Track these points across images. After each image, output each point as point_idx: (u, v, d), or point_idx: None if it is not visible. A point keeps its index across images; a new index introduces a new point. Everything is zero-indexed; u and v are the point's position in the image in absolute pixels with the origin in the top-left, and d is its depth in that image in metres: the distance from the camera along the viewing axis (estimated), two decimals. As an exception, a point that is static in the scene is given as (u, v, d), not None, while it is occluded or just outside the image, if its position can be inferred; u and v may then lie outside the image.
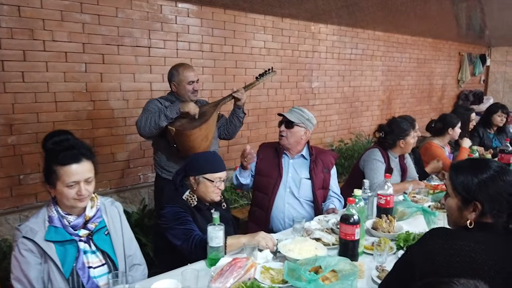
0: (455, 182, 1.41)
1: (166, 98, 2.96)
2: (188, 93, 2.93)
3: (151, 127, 2.72)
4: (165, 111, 2.72)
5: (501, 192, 1.32)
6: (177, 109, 2.73)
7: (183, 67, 2.95)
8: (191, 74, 2.93)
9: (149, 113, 2.77)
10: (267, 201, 2.65)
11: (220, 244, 1.87)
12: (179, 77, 2.92)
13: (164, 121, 2.71)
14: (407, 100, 7.22)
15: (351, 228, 1.87)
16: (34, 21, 3.03)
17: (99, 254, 1.83)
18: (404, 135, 3.00)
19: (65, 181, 1.68)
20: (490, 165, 1.37)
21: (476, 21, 6.10)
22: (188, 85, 2.91)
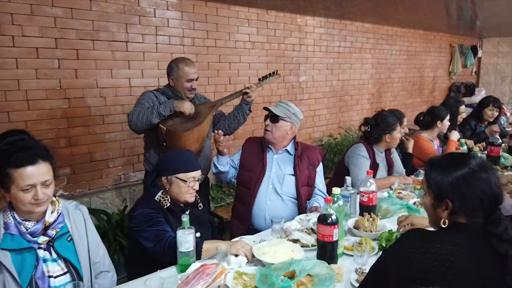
0: (429, 178, 1.34)
1: (163, 91, 2.83)
2: (185, 90, 2.81)
3: (143, 122, 2.60)
4: (159, 108, 2.58)
5: (473, 190, 1.23)
6: (171, 106, 2.60)
7: (183, 63, 2.80)
8: (191, 71, 2.79)
9: (142, 107, 2.64)
10: (249, 196, 2.57)
11: (190, 248, 1.76)
12: (178, 72, 2.78)
13: (156, 118, 2.58)
14: (397, 93, 7.13)
15: (329, 229, 1.77)
16: (1, 15, 2.89)
17: (61, 262, 1.71)
18: (390, 129, 2.90)
19: (20, 185, 1.56)
20: (467, 162, 1.27)
21: (467, 11, 6.00)
22: (187, 83, 2.78)
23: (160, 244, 1.88)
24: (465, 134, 4.34)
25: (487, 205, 1.23)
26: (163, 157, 2.17)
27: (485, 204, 1.23)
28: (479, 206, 1.23)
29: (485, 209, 1.23)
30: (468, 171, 1.25)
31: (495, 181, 1.25)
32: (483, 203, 1.23)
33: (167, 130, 2.59)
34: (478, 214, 1.24)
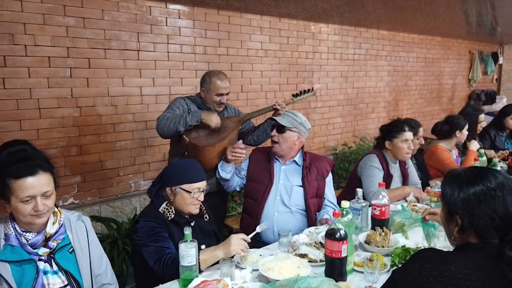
0: (443, 192, 1.29)
1: (194, 99, 2.83)
2: (214, 104, 2.80)
3: (169, 128, 2.59)
4: (186, 117, 2.58)
5: (484, 209, 1.15)
6: (199, 118, 2.58)
7: (216, 77, 2.78)
8: (222, 86, 2.77)
9: (172, 113, 2.65)
10: (256, 208, 2.51)
11: (192, 263, 1.70)
12: (209, 85, 2.77)
13: (182, 127, 2.57)
14: (415, 101, 6.97)
15: (337, 244, 1.68)
16: (14, 25, 2.92)
17: (62, 275, 1.68)
18: (390, 136, 2.82)
19: (20, 196, 1.54)
20: (485, 178, 1.19)
21: (486, 18, 5.85)
22: (216, 96, 2.77)
23: (159, 263, 1.84)
24: (484, 144, 4.18)
25: (499, 225, 1.14)
26: (167, 167, 2.13)
27: (497, 224, 1.14)
28: (490, 225, 1.14)
29: (498, 230, 1.14)
30: (482, 189, 1.17)
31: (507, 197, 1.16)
32: (495, 223, 1.14)
33: (190, 142, 2.59)
34: (491, 234, 1.15)
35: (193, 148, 2.60)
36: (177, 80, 3.84)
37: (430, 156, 3.54)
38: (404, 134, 2.78)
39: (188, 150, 2.64)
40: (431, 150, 3.57)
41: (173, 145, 2.92)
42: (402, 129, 2.80)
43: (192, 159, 2.27)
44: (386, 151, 2.85)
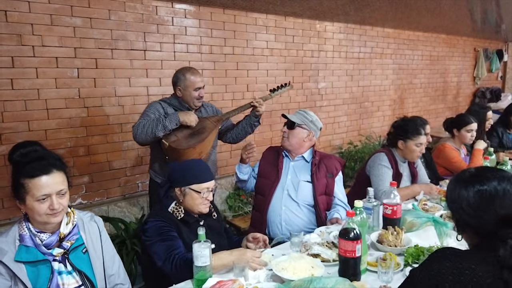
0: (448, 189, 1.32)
1: (169, 102, 2.82)
2: (193, 100, 2.80)
3: (147, 135, 2.59)
4: (164, 121, 2.58)
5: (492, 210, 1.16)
6: (177, 120, 2.60)
7: (190, 72, 2.80)
8: (198, 80, 2.79)
9: (148, 119, 2.63)
10: (263, 203, 2.55)
11: (207, 263, 1.70)
12: (185, 82, 2.77)
13: (161, 132, 2.57)
14: (420, 99, 6.95)
15: (351, 244, 1.68)
16: (22, 26, 2.92)
17: (76, 275, 1.68)
18: (405, 136, 2.78)
19: (35, 195, 1.54)
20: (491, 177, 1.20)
21: (491, 15, 5.82)
22: (194, 92, 2.78)
23: (168, 263, 1.81)
24: (492, 142, 4.16)
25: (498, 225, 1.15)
26: (176, 168, 2.12)
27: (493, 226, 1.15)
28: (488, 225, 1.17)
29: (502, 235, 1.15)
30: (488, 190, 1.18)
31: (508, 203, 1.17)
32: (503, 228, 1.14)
33: (169, 146, 2.60)
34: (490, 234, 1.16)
35: (174, 151, 2.61)
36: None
37: (438, 155, 3.53)
38: (420, 138, 2.75)
39: (169, 154, 2.65)
40: (439, 149, 3.55)
41: (152, 151, 2.92)
42: (418, 132, 2.75)
43: (199, 159, 2.27)
44: (396, 150, 2.83)
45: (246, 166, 2.61)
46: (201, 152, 2.72)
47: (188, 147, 2.63)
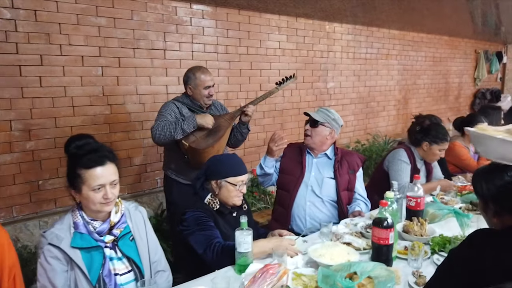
0: (473, 185, 1.47)
1: (182, 101, 2.91)
2: (203, 98, 2.90)
3: (166, 137, 2.70)
4: (182, 125, 2.69)
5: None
6: (194, 123, 2.72)
7: (200, 71, 2.90)
8: (208, 79, 2.88)
9: (165, 121, 2.74)
10: (288, 199, 2.62)
11: (248, 249, 1.80)
12: (195, 81, 2.87)
13: (180, 135, 2.69)
14: (423, 100, 7.09)
15: (385, 232, 1.79)
16: (50, 25, 3.01)
17: (125, 261, 1.77)
18: (432, 140, 2.83)
19: (91, 185, 1.63)
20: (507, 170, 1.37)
21: (491, 18, 5.97)
22: (204, 90, 2.87)
23: (209, 251, 1.91)
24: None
25: None
26: (212, 161, 2.21)
27: None
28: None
29: None
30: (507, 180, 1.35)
31: None
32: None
33: (189, 146, 2.72)
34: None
35: (194, 151, 2.73)
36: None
37: (448, 153, 3.64)
38: (445, 144, 2.83)
39: (189, 154, 2.77)
40: (449, 147, 3.67)
41: (168, 152, 2.99)
42: (445, 139, 2.82)
43: (233, 154, 2.36)
44: (417, 149, 2.91)
45: (272, 160, 2.63)
46: (218, 150, 2.81)
47: (207, 147, 2.74)
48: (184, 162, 2.86)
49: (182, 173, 2.92)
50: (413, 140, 2.94)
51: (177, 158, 2.90)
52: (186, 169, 2.88)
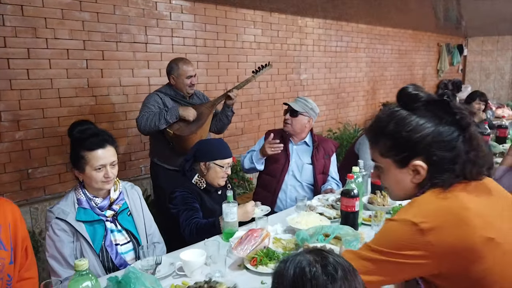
0: None
1: (165, 92, 3.11)
2: (186, 87, 3.10)
3: (151, 127, 2.93)
4: (166, 115, 2.91)
5: None
6: (177, 114, 2.94)
7: (182, 62, 3.11)
8: (190, 69, 3.09)
9: (149, 112, 2.94)
10: (274, 184, 2.84)
11: (234, 219, 2.05)
12: (178, 71, 3.08)
13: (164, 124, 2.92)
14: (390, 90, 7.50)
15: (352, 201, 2.08)
16: (36, 19, 3.13)
17: (124, 233, 1.99)
18: None
19: (94, 165, 1.84)
20: None
21: (453, 12, 6.39)
22: (186, 79, 3.08)
23: (187, 229, 2.14)
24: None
25: None
26: (201, 145, 2.44)
27: None
28: None
29: None
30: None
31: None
32: None
33: (174, 134, 2.95)
34: None
35: (178, 138, 2.97)
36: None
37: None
38: None
39: (174, 141, 3.00)
40: None
41: (154, 142, 3.23)
42: None
43: (220, 138, 2.60)
44: None
45: (263, 158, 2.83)
46: (201, 135, 3.04)
47: (190, 133, 2.97)
48: (169, 149, 3.07)
49: (167, 159, 3.13)
50: None
51: (162, 146, 3.11)
52: (171, 155, 3.09)
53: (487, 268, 1.03)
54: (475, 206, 1.07)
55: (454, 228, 1.03)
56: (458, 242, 1.03)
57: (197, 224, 2.14)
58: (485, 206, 1.10)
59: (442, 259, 1.05)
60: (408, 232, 1.06)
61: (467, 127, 1.11)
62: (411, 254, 1.05)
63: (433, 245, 1.03)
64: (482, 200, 1.11)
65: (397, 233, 1.09)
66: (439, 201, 1.09)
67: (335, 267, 0.85)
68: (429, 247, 1.04)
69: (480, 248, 1.02)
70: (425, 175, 1.13)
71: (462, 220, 1.04)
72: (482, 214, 1.06)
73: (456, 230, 1.03)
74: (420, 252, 1.05)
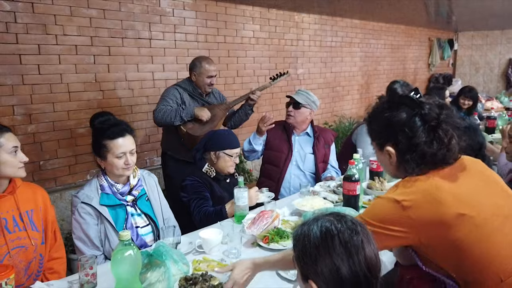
0: None
1: (184, 87, 3.23)
2: (205, 86, 3.24)
3: (166, 122, 3.08)
4: (181, 113, 3.05)
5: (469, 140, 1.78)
6: (192, 114, 3.08)
7: (206, 61, 3.23)
8: (212, 69, 3.23)
9: (166, 105, 3.08)
10: (278, 173, 2.99)
11: (245, 203, 2.21)
12: (200, 69, 3.20)
13: (178, 121, 3.08)
14: (383, 84, 7.67)
15: (353, 185, 2.25)
16: (46, 16, 3.24)
17: (143, 217, 2.14)
18: None
19: (115, 153, 1.98)
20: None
21: (443, 7, 6.58)
22: (207, 79, 3.21)
23: (197, 215, 2.31)
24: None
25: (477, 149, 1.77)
26: (212, 135, 2.59)
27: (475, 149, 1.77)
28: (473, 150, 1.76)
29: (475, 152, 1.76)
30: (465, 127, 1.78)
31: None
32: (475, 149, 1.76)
33: (186, 132, 3.10)
34: None
35: (190, 136, 3.12)
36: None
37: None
38: None
39: (185, 138, 3.16)
40: None
41: (166, 134, 3.37)
42: None
43: (229, 129, 2.74)
44: None
45: (261, 138, 2.99)
46: None
47: (202, 134, 3.10)
48: (179, 143, 3.22)
49: (177, 151, 3.28)
50: None
51: (174, 139, 3.25)
52: (181, 148, 3.23)
53: (461, 238, 1.22)
54: (448, 186, 1.27)
55: (430, 205, 1.24)
56: (433, 217, 1.23)
57: (206, 212, 2.30)
58: (459, 185, 1.30)
59: (420, 232, 1.25)
60: (393, 208, 1.27)
61: (431, 120, 1.31)
62: (395, 228, 1.26)
63: (412, 219, 1.24)
64: (457, 180, 1.31)
65: (384, 208, 1.31)
66: (418, 183, 1.29)
67: (354, 223, 1.02)
68: (409, 221, 1.24)
69: (452, 222, 1.22)
70: (395, 158, 1.34)
71: (436, 199, 1.24)
72: (455, 192, 1.26)
73: (431, 207, 1.23)
74: (402, 228, 1.26)
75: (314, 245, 0.99)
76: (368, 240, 1.00)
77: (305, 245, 1.01)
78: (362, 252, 0.97)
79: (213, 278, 1.55)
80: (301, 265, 1.02)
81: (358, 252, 0.96)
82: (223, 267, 1.59)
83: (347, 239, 0.97)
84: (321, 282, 0.97)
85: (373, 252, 0.99)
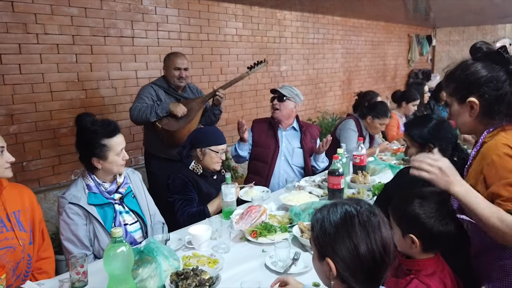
0: (411, 134, 1.99)
1: (159, 84, 3.25)
2: (173, 79, 3.23)
3: (142, 119, 3.09)
4: (156, 109, 3.06)
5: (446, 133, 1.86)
6: (167, 109, 3.09)
7: (173, 54, 3.26)
8: (178, 61, 3.22)
9: (142, 103, 3.08)
10: (267, 169, 3.04)
11: (233, 199, 2.25)
12: (168, 62, 3.24)
13: (154, 117, 3.08)
14: (365, 80, 7.83)
15: (337, 179, 2.31)
16: (26, 15, 3.19)
17: (131, 214, 2.15)
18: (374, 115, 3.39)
19: (116, 150, 2.01)
20: (431, 117, 1.95)
21: (421, 4, 6.73)
22: (174, 71, 3.21)
23: (181, 216, 2.32)
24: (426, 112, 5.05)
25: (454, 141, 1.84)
26: (198, 132, 2.61)
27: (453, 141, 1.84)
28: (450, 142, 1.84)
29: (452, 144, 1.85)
30: (436, 122, 1.90)
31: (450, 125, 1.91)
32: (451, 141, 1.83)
33: (162, 128, 3.12)
34: (448, 149, 1.85)
35: (166, 132, 3.13)
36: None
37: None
38: (385, 119, 3.40)
39: (162, 134, 3.17)
40: None
41: (146, 132, 3.39)
42: (386, 115, 3.37)
43: (215, 126, 2.77)
44: (363, 121, 3.48)
45: (246, 144, 3.04)
46: (189, 130, 3.16)
47: (178, 128, 3.12)
48: (159, 140, 3.23)
49: (158, 149, 3.29)
50: (360, 113, 3.51)
51: (153, 137, 3.26)
52: (161, 146, 3.24)
53: None
54: None
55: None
56: None
57: (189, 213, 2.33)
58: None
59: None
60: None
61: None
62: None
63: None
64: None
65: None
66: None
67: (370, 206, 1.10)
68: None
69: None
70: (478, 110, 1.38)
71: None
72: None
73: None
74: None
75: (334, 224, 1.06)
76: (384, 223, 1.07)
77: (325, 226, 1.07)
78: (378, 232, 1.03)
79: (204, 272, 1.58)
80: (320, 244, 1.08)
81: (375, 232, 1.03)
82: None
83: (366, 219, 1.04)
84: (339, 259, 1.04)
85: (388, 234, 1.07)
